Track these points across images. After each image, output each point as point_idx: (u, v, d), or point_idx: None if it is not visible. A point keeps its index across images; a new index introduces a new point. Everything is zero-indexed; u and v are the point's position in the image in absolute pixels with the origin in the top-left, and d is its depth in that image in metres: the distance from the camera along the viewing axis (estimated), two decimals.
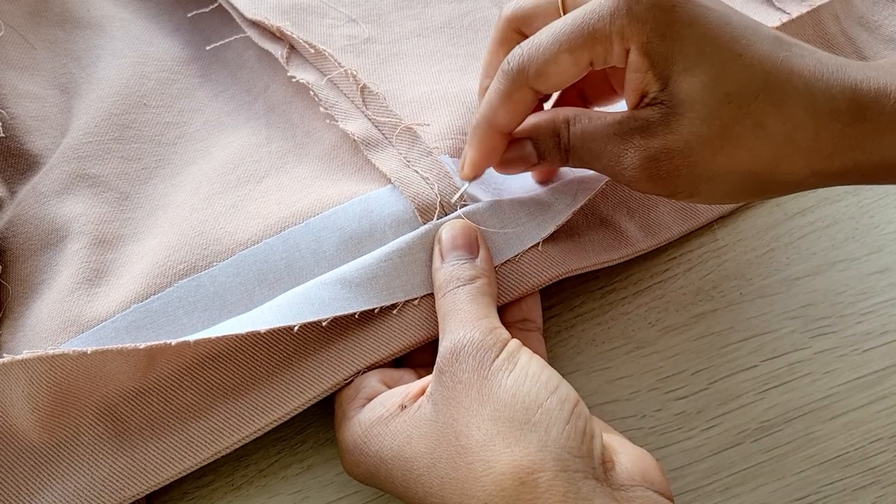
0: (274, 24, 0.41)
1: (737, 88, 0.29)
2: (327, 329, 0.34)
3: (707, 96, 0.29)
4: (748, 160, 0.30)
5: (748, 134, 0.29)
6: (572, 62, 0.31)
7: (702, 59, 0.29)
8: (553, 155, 0.34)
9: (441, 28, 0.46)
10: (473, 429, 0.28)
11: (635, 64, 0.30)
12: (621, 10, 0.29)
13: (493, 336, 0.30)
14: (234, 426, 0.33)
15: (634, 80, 0.30)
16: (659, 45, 0.29)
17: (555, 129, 0.33)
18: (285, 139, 0.41)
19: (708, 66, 0.29)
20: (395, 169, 0.37)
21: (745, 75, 0.29)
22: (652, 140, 0.30)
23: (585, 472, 0.26)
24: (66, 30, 0.46)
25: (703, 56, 0.29)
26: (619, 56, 0.30)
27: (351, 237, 0.35)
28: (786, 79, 0.29)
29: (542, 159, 0.34)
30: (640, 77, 0.30)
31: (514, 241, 0.35)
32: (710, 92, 0.29)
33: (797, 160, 0.30)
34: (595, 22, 0.30)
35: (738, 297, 0.38)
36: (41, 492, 0.31)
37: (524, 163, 0.35)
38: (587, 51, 0.30)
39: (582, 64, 0.31)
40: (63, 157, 0.39)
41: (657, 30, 0.29)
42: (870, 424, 0.35)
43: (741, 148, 0.29)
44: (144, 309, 0.34)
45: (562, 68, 0.31)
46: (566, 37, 0.30)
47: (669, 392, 0.36)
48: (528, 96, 0.32)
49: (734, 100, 0.29)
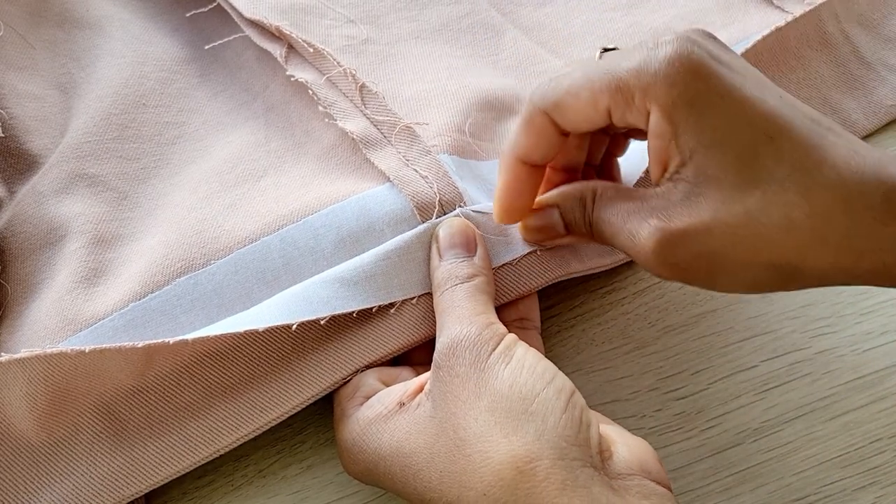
0: (272, 23, 0.41)
1: (765, 174, 0.27)
2: (325, 328, 0.34)
3: (733, 177, 0.27)
4: (771, 253, 0.27)
5: (773, 225, 0.27)
6: (590, 101, 0.29)
7: (732, 137, 0.27)
8: (579, 227, 0.32)
9: (439, 30, 0.46)
10: (471, 421, 0.28)
11: (657, 129, 0.28)
12: (650, 67, 0.27)
13: (490, 331, 0.30)
14: (233, 425, 0.33)
15: (657, 147, 0.28)
16: (686, 113, 0.27)
17: (581, 198, 0.32)
18: (284, 138, 0.41)
19: (738, 146, 0.27)
20: (393, 167, 0.37)
21: (774, 160, 0.27)
22: (669, 223, 0.28)
23: (583, 460, 0.26)
24: (66, 30, 0.46)
25: (734, 133, 0.27)
26: (638, 115, 0.28)
27: (349, 235, 0.35)
28: (817, 168, 0.27)
29: (569, 232, 0.33)
30: (663, 146, 0.28)
31: (513, 246, 0.35)
32: (738, 173, 0.27)
33: (824, 256, 0.27)
34: (620, 70, 0.28)
35: (738, 297, 0.38)
36: (40, 491, 0.31)
37: (550, 231, 0.34)
38: (606, 95, 0.28)
39: (600, 107, 0.29)
40: (62, 156, 0.40)
41: (685, 96, 0.27)
42: (870, 424, 0.35)
43: (764, 239, 0.27)
44: (142, 307, 0.34)
45: (579, 104, 0.29)
46: (590, 74, 0.29)
47: (669, 392, 0.36)
48: (546, 123, 0.30)
49: (761, 185, 0.27)
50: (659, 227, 0.28)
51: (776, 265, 0.28)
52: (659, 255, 0.28)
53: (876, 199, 0.26)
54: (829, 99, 0.44)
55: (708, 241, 0.27)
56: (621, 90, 0.28)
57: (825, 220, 0.27)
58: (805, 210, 0.26)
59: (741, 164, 0.27)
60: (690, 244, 0.28)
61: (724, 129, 0.27)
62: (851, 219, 0.27)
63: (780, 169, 0.27)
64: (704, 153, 0.27)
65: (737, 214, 0.27)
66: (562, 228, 0.33)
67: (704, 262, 0.28)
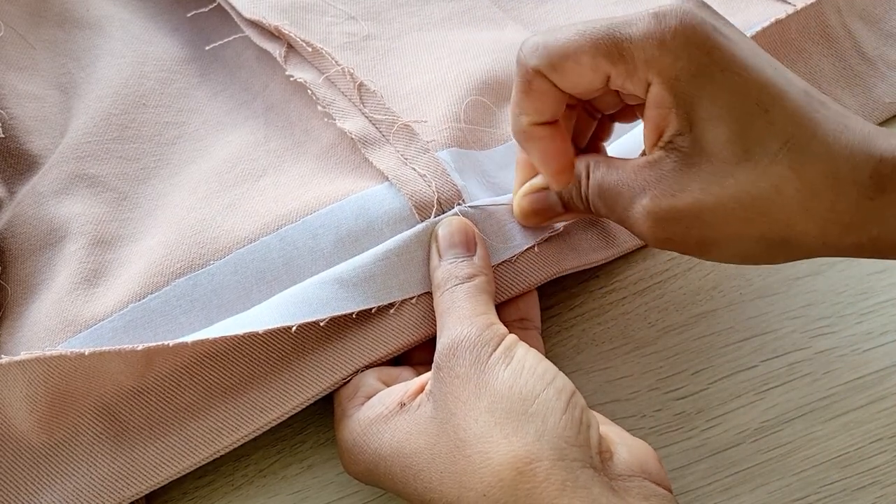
0: (272, 22, 0.41)
1: (758, 147, 0.27)
2: (325, 328, 0.34)
3: (726, 151, 0.27)
4: (761, 225, 0.28)
5: (763, 197, 0.27)
6: (591, 67, 0.29)
7: (729, 110, 0.27)
8: (576, 203, 0.33)
9: (441, 21, 0.46)
10: (471, 421, 0.28)
11: (658, 99, 0.28)
12: (654, 38, 0.27)
13: (491, 331, 0.30)
14: (233, 425, 0.33)
15: (656, 116, 0.28)
16: (688, 86, 0.27)
17: (576, 174, 0.32)
18: (283, 137, 0.41)
19: (733, 119, 0.27)
20: (392, 166, 0.37)
21: (767, 133, 0.27)
22: (662, 200, 0.28)
23: (583, 461, 0.26)
24: (66, 30, 0.46)
25: (731, 107, 0.27)
26: (639, 84, 0.28)
27: (348, 235, 0.35)
28: (808, 142, 0.27)
29: (567, 209, 0.33)
30: (663, 114, 0.28)
31: (511, 243, 0.35)
32: (731, 146, 0.27)
33: (811, 229, 0.28)
34: (624, 39, 0.28)
35: (738, 297, 0.38)
36: (40, 492, 0.31)
37: (549, 212, 0.34)
38: (608, 62, 0.28)
39: (600, 74, 0.29)
40: (62, 157, 0.40)
41: (689, 69, 0.27)
42: (870, 424, 0.35)
43: (754, 212, 0.28)
44: (142, 308, 0.34)
45: (580, 69, 0.29)
46: (591, 38, 0.28)
47: (669, 392, 0.36)
48: (546, 85, 0.30)
49: (752, 158, 0.27)
50: (651, 204, 0.29)
51: (766, 237, 0.28)
52: (652, 231, 0.29)
53: (864, 173, 0.27)
54: (828, 94, 0.44)
55: (699, 216, 0.28)
56: (624, 59, 0.28)
57: (813, 193, 0.27)
58: (794, 184, 0.27)
59: (735, 138, 0.27)
60: (682, 220, 0.28)
61: (722, 103, 0.27)
62: (838, 193, 0.27)
63: (772, 142, 0.27)
64: (703, 125, 0.27)
65: (727, 188, 0.27)
66: (560, 207, 0.34)
67: (696, 235, 0.29)
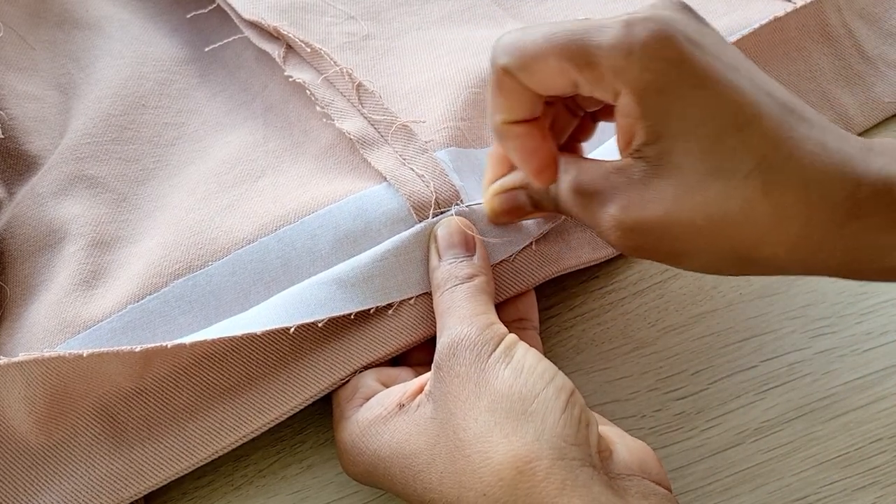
0: (271, 23, 0.41)
1: (729, 165, 0.26)
2: (323, 329, 0.34)
3: (697, 166, 0.26)
4: (730, 242, 0.27)
5: (732, 216, 0.27)
6: (558, 71, 0.28)
7: (700, 126, 0.26)
8: (547, 205, 0.32)
9: (441, 20, 0.46)
10: (471, 421, 0.28)
11: (625, 109, 0.27)
12: (622, 48, 0.26)
13: (491, 331, 0.30)
14: (232, 426, 0.33)
15: (624, 124, 0.28)
16: (656, 100, 0.26)
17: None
18: (282, 138, 0.41)
19: (704, 136, 0.26)
20: (390, 167, 0.37)
21: (740, 152, 0.26)
22: (630, 210, 0.28)
23: (583, 460, 0.26)
24: (65, 30, 0.46)
25: (702, 124, 0.26)
26: (607, 91, 0.28)
27: (346, 235, 0.35)
28: (782, 163, 0.26)
29: (536, 208, 0.33)
30: (630, 123, 0.27)
31: (509, 242, 0.35)
32: (701, 162, 0.26)
33: (780, 250, 0.27)
34: (592, 45, 0.27)
35: (738, 297, 0.38)
36: (39, 493, 0.31)
37: (518, 212, 0.34)
38: (574, 68, 0.27)
39: (567, 78, 0.28)
40: (61, 158, 0.40)
41: (657, 83, 0.26)
42: (870, 424, 0.35)
43: (722, 230, 0.27)
44: (140, 309, 0.34)
45: (547, 70, 0.28)
46: (559, 42, 0.27)
47: (669, 392, 0.36)
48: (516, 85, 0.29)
49: (723, 176, 0.26)
50: (619, 214, 0.28)
51: (736, 253, 0.28)
52: (621, 240, 0.29)
53: (838, 198, 0.26)
54: (827, 93, 0.44)
55: (668, 228, 0.27)
56: (591, 66, 0.27)
57: (784, 216, 0.26)
58: (765, 206, 0.26)
59: (706, 154, 0.26)
60: (651, 231, 0.28)
61: (692, 120, 0.26)
62: (809, 217, 0.26)
63: (745, 162, 0.26)
64: (671, 140, 0.27)
65: (696, 205, 0.27)
66: (529, 207, 0.33)
67: (666, 246, 0.28)
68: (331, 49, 0.40)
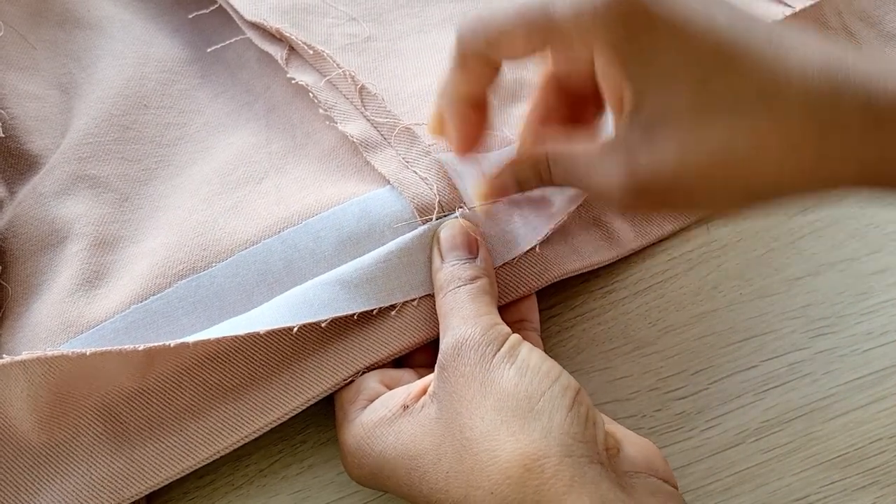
0: (273, 25, 0.41)
1: (726, 105, 0.26)
2: (326, 329, 0.34)
3: (692, 111, 0.26)
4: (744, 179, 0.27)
5: (742, 153, 0.26)
6: (526, 44, 0.28)
7: (682, 70, 0.26)
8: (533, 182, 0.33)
9: (442, 23, 0.46)
10: (477, 420, 0.28)
11: (603, 72, 0.27)
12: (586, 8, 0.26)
13: (495, 331, 0.30)
14: (233, 426, 0.33)
15: (608, 89, 0.28)
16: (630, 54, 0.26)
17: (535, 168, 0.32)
18: (285, 140, 0.41)
19: (689, 77, 0.26)
20: (393, 170, 0.37)
21: (736, 87, 0.25)
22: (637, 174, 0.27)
23: (590, 457, 0.26)
24: (67, 30, 0.46)
25: (683, 67, 0.26)
26: (582, 60, 0.28)
27: (349, 237, 0.35)
28: (782, 91, 0.25)
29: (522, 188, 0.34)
30: (614, 86, 0.27)
31: (512, 245, 0.35)
32: (695, 106, 0.26)
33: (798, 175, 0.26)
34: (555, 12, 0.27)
35: (738, 297, 0.38)
36: (40, 492, 0.31)
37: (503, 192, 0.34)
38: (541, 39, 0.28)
39: (535, 44, 0.28)
40: (63, 157, 0.39)
41: (626, 36, 0.26)
42: (870, 424, 0.35)
43: (736, 167, 0.26)
44: (144, 309, 0.34)
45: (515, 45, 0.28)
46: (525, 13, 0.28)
47: (669, 392, 0.36)
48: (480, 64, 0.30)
49: (723, 116, 0.26)
50: (626, 180, 0.27)
51: (749, 189, 0.27)
52: (630, 205, 0.28)
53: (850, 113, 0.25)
54: None
55: (679, 180, 0.27)
56: (558, 35, 0.27)
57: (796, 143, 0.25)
58: (774, 137, 0.25)
59: (697, 95, 0.26)
60: (659, 188, 0.27)
61: (672, 64, 0.26)
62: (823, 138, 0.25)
63: (742, 98, 0.25)
64: (656, 91, 0.26)
65: (703, 152, 0.26)
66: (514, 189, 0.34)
67: (681, 198, 0.28)
68: (333, 50, 0.40)
